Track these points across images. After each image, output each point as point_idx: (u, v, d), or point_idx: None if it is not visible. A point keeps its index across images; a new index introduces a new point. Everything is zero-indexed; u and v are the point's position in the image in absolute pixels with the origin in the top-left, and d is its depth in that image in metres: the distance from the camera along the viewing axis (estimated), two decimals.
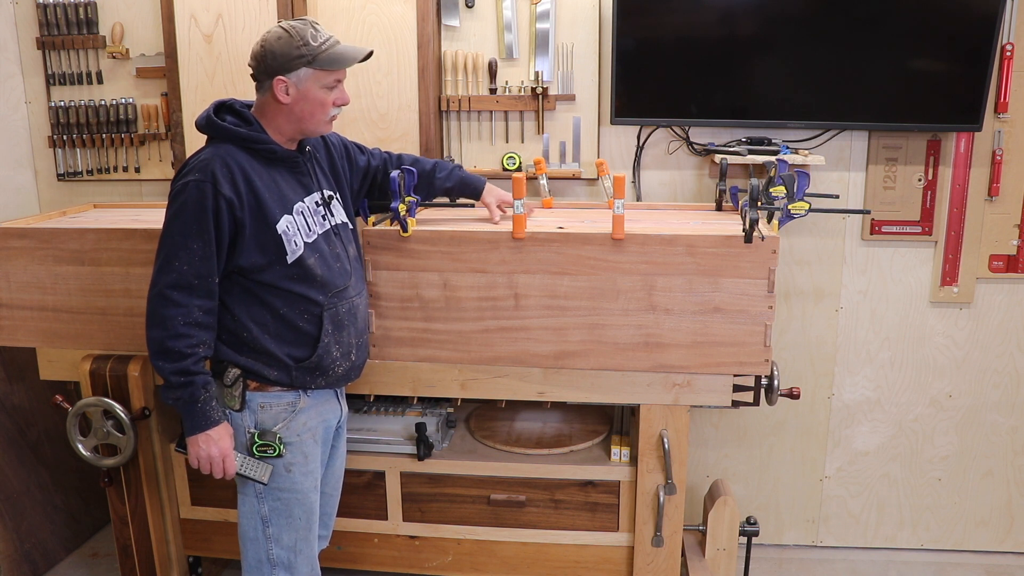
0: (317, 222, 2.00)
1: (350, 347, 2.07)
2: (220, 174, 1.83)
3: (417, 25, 2.65)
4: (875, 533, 3.09)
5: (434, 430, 2.52)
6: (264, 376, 1.96)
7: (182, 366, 1.85)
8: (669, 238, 2.15)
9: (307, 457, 2.04)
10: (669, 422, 2.32)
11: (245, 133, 1.90)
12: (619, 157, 2.85)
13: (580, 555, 2.49)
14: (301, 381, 2.00)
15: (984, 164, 2.73)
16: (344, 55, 1.91)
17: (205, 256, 1.83)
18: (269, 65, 1.87)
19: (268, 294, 1.93)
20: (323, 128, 1.97)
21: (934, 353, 2.92)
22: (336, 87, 1.94)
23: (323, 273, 1.98)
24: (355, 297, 2.07)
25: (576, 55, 2.73)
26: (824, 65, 2.59)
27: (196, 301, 1.85)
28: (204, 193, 1.81)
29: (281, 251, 1.91)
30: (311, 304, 1.96)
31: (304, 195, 1.99)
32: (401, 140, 2.73)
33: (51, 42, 2.92)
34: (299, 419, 2.02)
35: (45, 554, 2.96)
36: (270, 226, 1.89)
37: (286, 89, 1.88)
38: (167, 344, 1.83)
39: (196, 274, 1.83)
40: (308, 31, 1.88)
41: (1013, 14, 2.62)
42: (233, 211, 1.85)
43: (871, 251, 2.85)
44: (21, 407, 2.92)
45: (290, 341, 1.97)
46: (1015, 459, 2.98)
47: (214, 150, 1.88)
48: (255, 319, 1.94)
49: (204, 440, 1.91)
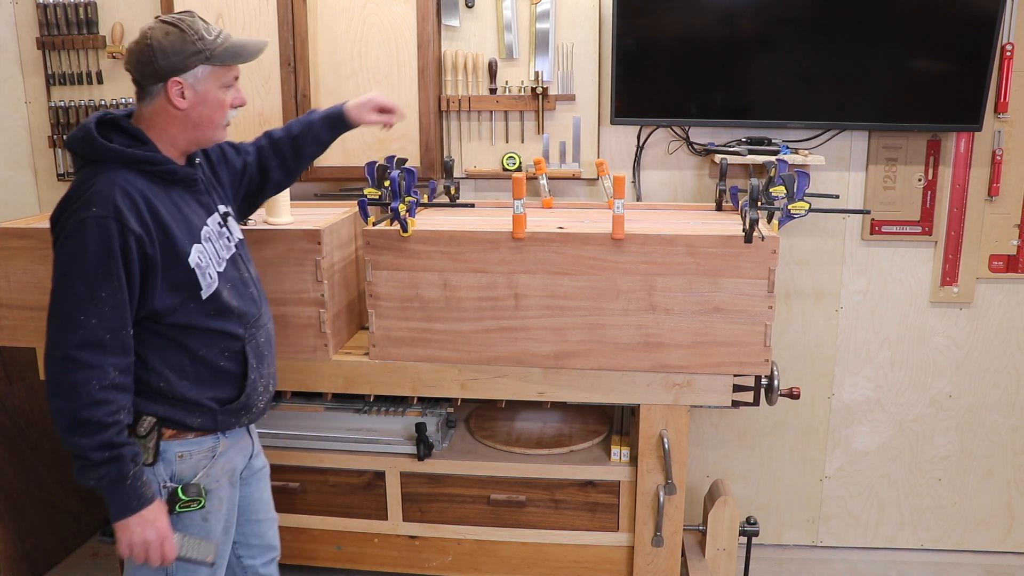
0: (223, 246, 1.79)
1: (269, 379, 1.89)
2: (124, 207, 1.56)
3: (417, 25, 2.65)
4: (875, 533, 3.09)
5: (434, 430, 2.52)
6: (185, 424, 1.73)
7: (105, 438, 1.55)
8: (669, 238, 2.15)
9: (222, 502, 1.82)
10: (669, 422, 2.32)
11: (140, 155, 1.63)
12: (619, 157, 2.85)
13: (580, 555, 2.49)
14: (226, 423, 1.79)
15: (984, 164, 2.73)
16: (246, 47, 1.70)
17: (116, 306, 1.56)
18: (160, 66, 1.62)
19: (184, 336, 1.70)
20: (220, 135, 1.75)
21: (934, 353, 2.92)
22: (233, 86, 1.72)
23: (239, 304, 1.78)
24: (268, 323, 1.89)
25: (576, 55, 2.73)
26: (824, 65, 2.59)
27: (111, 360, 1.56)
28: (108, 231, 1.54)
29: (195, 287, 1.68)
30: (231, 340, 1.76)
31: (206, 217, 1.76)
32: (401, 140, 2.73)
33: (51, 42, 2.92)
34: (218, 464, 1.80)
35: (45, 554, 2.96)
36: (182, 260, 1.65)
37: (182, 92, 1.64)
38: (82, 415, 1.53)
39: (107, 328, 1.55)
40: (199, 24, 1.66)
41: (1013, 14, 2.62)
42: (143, 248, 1.59)
43: (871, 251, 2.85)
44: (21, 407, 2.92)
45: (212, 384, 1.75)
46: (1015, 459, 2.98)
47: (110, 177, 1.59)
48: (171, 366, 1.69)
49: (138, 523, 1.61)
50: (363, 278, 2.36)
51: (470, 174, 2.83)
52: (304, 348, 2.36)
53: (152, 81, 1.64)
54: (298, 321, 2.33)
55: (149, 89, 1.66)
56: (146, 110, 1.68)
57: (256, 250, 2.28)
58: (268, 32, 2.69)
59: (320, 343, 2.35)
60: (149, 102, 1.67)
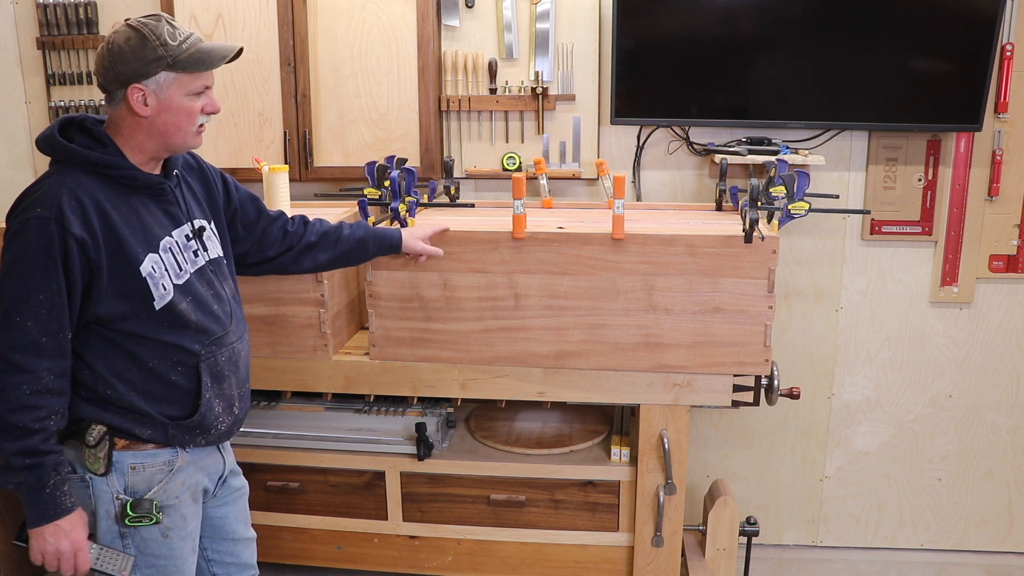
0: (188, 259, 1.72)
1: (232, 399, 1.81)
2: (68, 209, 1.52)
3: (417, 25, 2.65)
4: (875, 533, 3.09)
5: (434, 430, 2.52)
6: (134, 434, 1.67)
7: (27, 445, 1.52)
8: (669, 238, 2.15)
9: (186, 519, 1.76)
10: (669, 422, 2.32)
11: (97, 157, 1.59)
12: (619, 157, 2.85)
13: (580, 555, 2.49)
14: (179, 439, 1.72)
15: (984, 164, 2.73)
16: (212, 54, 1.64)
17: (53, 308, 1.53)
18: (120, 72, 1.58)
19: (133, 344, 1.64)
20: (193, 141, 1.68)
21: (934, 353, 2.92)
22: (204, 93, 1.66)
23: (199, 319, 1.71)
24: (236, 343, 1.81)
25: (576, 55, 2.73)
26: (824, 65, 2.59)
27: (45, 363, 1.53)
28: (49, 233, 1.51)
29: (147, 296, 1.63)
30: (185, 354, 1.69)
31: (172, 228, 1.70)
32: (401, 140, 2.73)
33: (51, 42, 2.91)
34: (177, 479, 1.73)
35: None
36: (133, 268, 1.60)
37: (143, 99, 1.60)
38: (8, 419, 1.51)
39: (44, 331, 1.52)
40: (164, 28, 1.59)
41: (1013, 14, 2.62)
42: (86, 252, 1.54)
43: (871, 251, 2.85)
44: None
45: (162, 398, 1.69)
46: (1015, 459, 2.98)
47: (60, 178, 1.56)
48: (118, 374, 1.64)
49: (52, 532, 1.58)
50: (363, 278, 2.36)
51: (470, 174, 2.83)
52: (304, 348, 2.36)
53: (115, 87, 1.61)
54: (298, 321, 2.33)
55: (113, 94, 1.62)
56: (113, 115, 1.65)
57: None
58: (268, 32, 2.69)
59: (320, 343, 2.35)
60: (115, 107, 1.64)
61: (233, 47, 1.69)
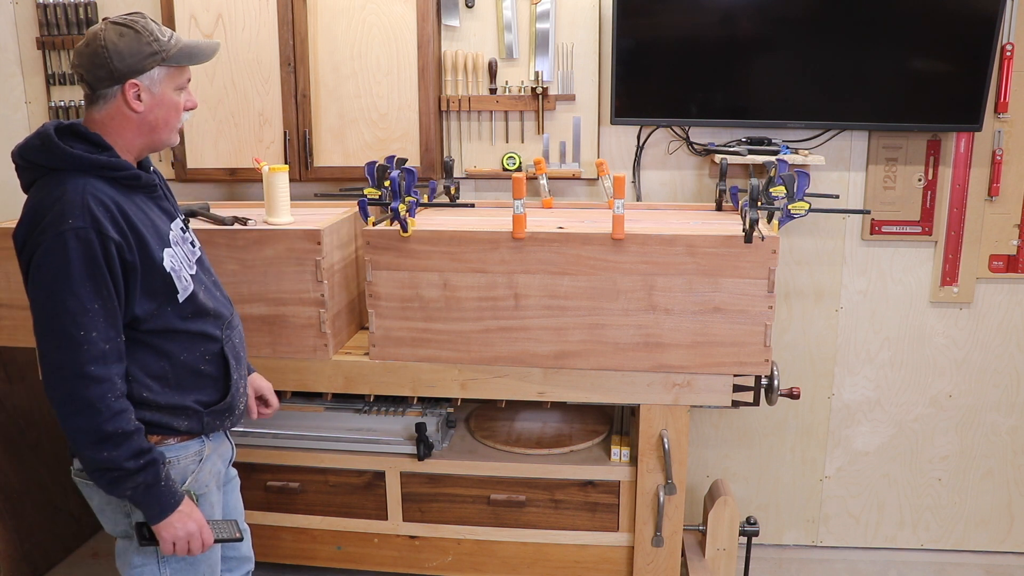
0: (188, 250, 1.77)
1: (244, 378, 1.88)
2: (101, 215, 1.53)
3: (417, 25, 2.65)
4: (875, 533, 3.09)
5: (434, 430, 2.52)
6: (172, 427, 1.71)
7: (135, 446, 1.57)
8: (669, 238, 2.15)
9: (214, 506, 1.82)
10: (669, 422, 2.32)
11: (104, 161, 1.59)
12: (619, 157, 2.85)
13: (580, 555, 2.49)
14: (211, 426, 1.77)
15: (984, 164, 2.73)
16: (200, 48, 1.68)
17: (108, 315, 1.55)
18: (116, 68, 1.58)
19: (162, 341, 1.68)
20: (174, 138, 1.71)
21: (934, 353, 2.92)
22: (185, 88, 1.70)
23: (214, 305, 1.78)
24: (239, 325, 1.89)
25: (576, 55, 2.73)
26: (824, 65, 2.59)
27: (114, 369, 1.56)
28: (90, 242, 1.52)
29: (171, 290, 1.67)
30: (210, 342, 1.75)
31: (169, 222, 1.73)
32: (401, 140, 2.73)
33: (51, 42, 2.91)
34: (205, 468, 1.79)
35: (45, 554, 2.95)
36: (157, 264, 1.63)
37: (139, 94, 1.61)
38: (107, 430, 1.54)
39: (105, 338, 1.55)
40: (152, 25, 1.62)
41: (1013, 14, 2.62)
42: (123, 255, 1.57)
43: (871, 251, 2.85)
44: (21, 407, 2.92)
45: (195, 387, 1.74)
46: (1015, 459, 2.98)
47: (78, 186, 1.55)
48: (153, 374, 1.67)
49: (179, 519, 1.64)
50: (363, 278, 2.36)
51: (470, 174, 2.83)
52: (304, 348, 2.36)
53: (107, 84, 1.60)
54: (298, 321, 2.33)
55: (103, 92, 1.61)
56: (99, 114, 1.63)
57: (256, 250, 2.29)
58: (268, 32, 2.69)
59: (320, 343, 2.35)
60: (103, 106, 1.62)
61: (216, 44, 1.73)
